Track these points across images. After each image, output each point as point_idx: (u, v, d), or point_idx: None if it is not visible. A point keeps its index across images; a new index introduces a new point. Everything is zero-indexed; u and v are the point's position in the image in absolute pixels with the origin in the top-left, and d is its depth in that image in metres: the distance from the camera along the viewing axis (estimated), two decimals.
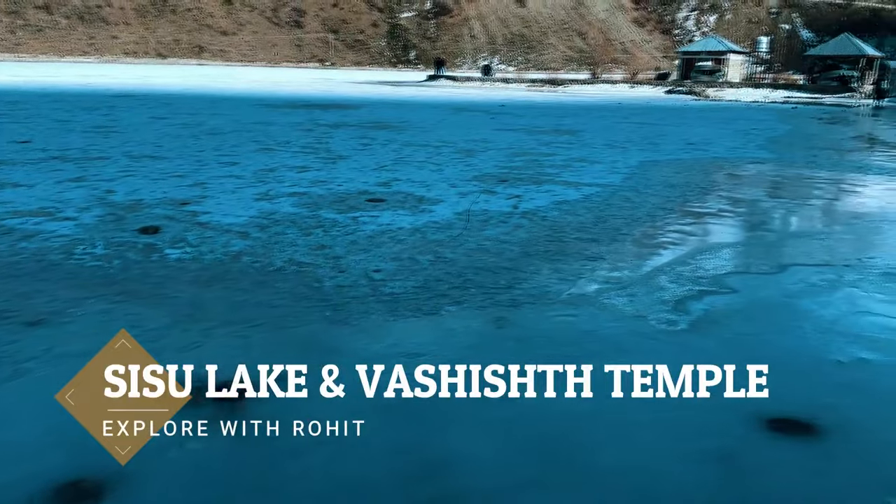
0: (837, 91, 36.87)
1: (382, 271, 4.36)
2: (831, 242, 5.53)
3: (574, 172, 8.72)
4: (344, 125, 14.39)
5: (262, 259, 4.56)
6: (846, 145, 13.08)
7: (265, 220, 5.61)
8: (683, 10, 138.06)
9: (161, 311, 3.64)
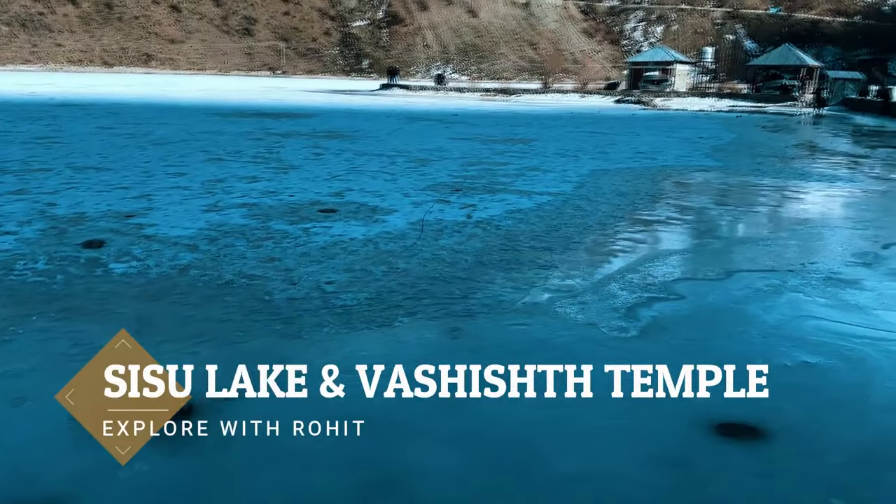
0: (780, 100, 38.07)
1: (335, 283, 4.32)
2: (775, 248, 5.68)
3: (527, 181, 8.79)
4: (296, 134, 14.25)
5: (211, 272, 4.46)
6: (789, 153, 13.51)
7: (214, 232, 5.50)
8: (631, 21, 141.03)
9: (105, 328, 3.53)
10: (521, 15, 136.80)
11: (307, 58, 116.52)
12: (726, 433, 2.72)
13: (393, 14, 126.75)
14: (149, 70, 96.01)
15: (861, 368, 3.32)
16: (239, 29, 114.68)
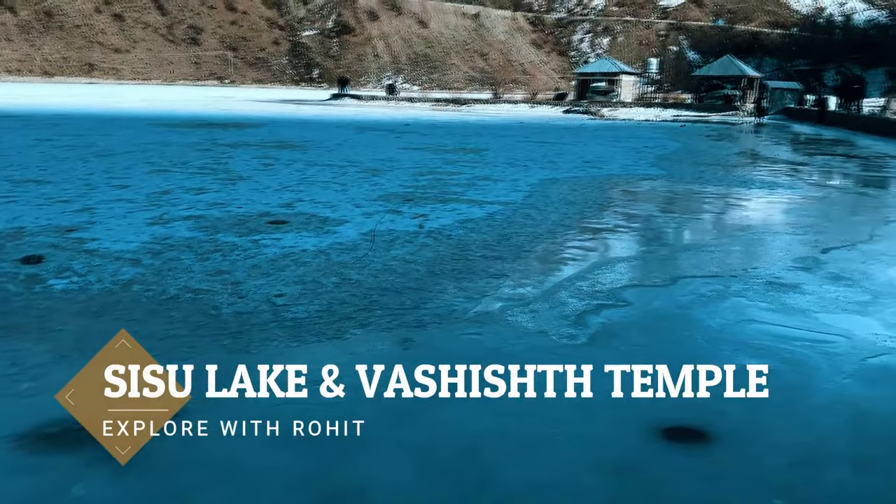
0: (722, 109, 39.23)
1: (285, 296, 4.26)
2: (719, 254, 5.84)
3: (478, 191, 8.84)
4: (244, 145, 14.06)
5: (155, 287, 4.36)
6: (731, 161, 13.92)
7: (159, 246, 5.38)
8: (578, 33, 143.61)
9: (45, 346, 3.41)
10: (471, 26, 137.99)
11: (256, 67, 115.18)
12: (673, 437, 2.77)
13: (343, 24, 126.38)
14: (91, 80, 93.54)
15: (801, 370, 3.43)
16: (185, 38, 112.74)
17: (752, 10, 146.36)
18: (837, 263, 5.52)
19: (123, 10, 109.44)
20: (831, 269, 5.32)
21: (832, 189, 10.19)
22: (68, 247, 5.29)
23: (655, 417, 2.91)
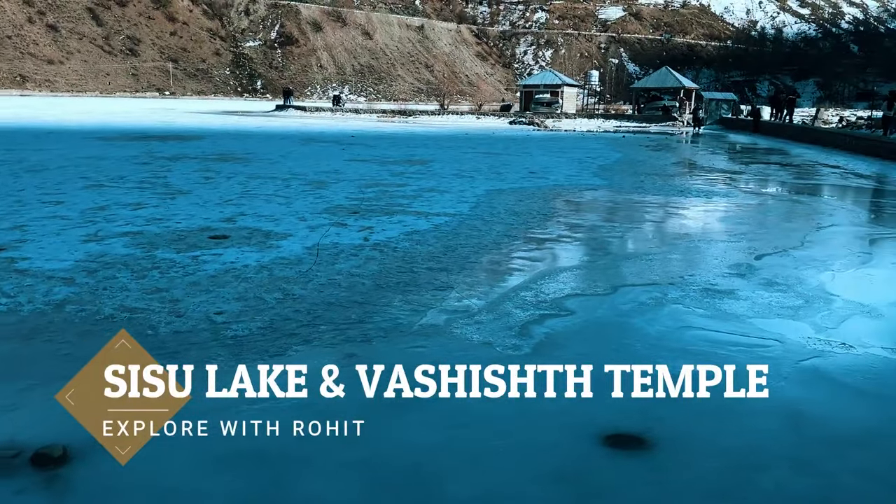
0: (661, 120, 40.29)
1: (225, 313, 4.18)
2: (658, 262, 5.97)
3: (424, 202, 8.85)
4: (184, 157, 13.77)
5: (90, 307, 4.22)
6: (669, 171, 14.28)
7: (94, 264, 5.21)
8: (522, 45, 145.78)
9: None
10: (416, 38, 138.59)
11: (197, 78, 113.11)
12: (615, 444, 2.82)
13: (286, 35, 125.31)
14: (24, 92, 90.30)
15: (737, 375, 3.52)
16: (123, 49, 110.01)
17: (688, 24, 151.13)
18: (771, 269, 5.71)
19: (57, 21, 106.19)
20: (765, 275, 5.50)
21: (766, 197, 10.56)
22: None
23: (598, 425, 2.95)
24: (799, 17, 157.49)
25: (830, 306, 4.71)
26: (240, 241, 6.14)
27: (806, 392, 3.33)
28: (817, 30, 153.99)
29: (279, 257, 5.62)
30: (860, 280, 5.50)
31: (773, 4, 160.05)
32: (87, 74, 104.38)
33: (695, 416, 3.05)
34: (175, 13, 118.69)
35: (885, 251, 6.70)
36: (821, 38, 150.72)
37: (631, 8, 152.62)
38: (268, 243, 6.12)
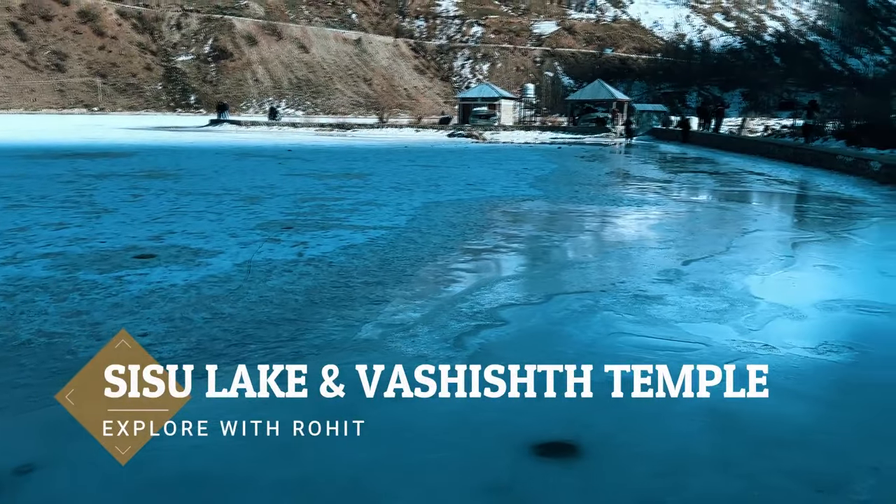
0: (595, 131, 41.21)
1: (150, 335, 4.04)
2: (590, 270, 6.07)
3: (361, 216, 8.79)
4: (112, 175, 13.33)
5: (5, 332, 4.01)
6: (602, 180, 14.59)
7: (11, 288, 4.97)
8: (459, 59, 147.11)
9: None
10: (353, 51, 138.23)
11: (127, 94, 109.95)
12: (546, 452, 2.83)
13: (220, 49, 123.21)
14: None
15: (666, 378, 3.59)
16: (48, 65, 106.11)
17: (619, 38, 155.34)
18: (698, 274, 5.87)
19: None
20: (692, 281, 5.65)
21: (694, 204, 10.89)
22: None
23: (530, 433, 2.96)
24: (724, 30, 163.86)
25: (754, 309, 4.86)
26: (167, 260, 5.96)
27: (731, 393, 3.41)
28: (742, 42, 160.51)
29: (208, 275, 5.47)
30: (783, 283, 5.71)
31: (699, 18, 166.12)
32: (11, 91, 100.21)
33: (624, 421, 3.09)
34: (103, 27, 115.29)
35: (806, 254, 6.97)
36: (745, 50, 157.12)
37: (564, 22, 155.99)
38: (196, 261, 5.96)
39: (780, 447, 2.89)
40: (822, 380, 3.60)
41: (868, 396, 3.42)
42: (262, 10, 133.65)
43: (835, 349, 4.04)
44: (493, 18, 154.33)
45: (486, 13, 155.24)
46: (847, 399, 3.36)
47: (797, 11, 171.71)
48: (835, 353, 3.99)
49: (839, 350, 4.03)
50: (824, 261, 6.61)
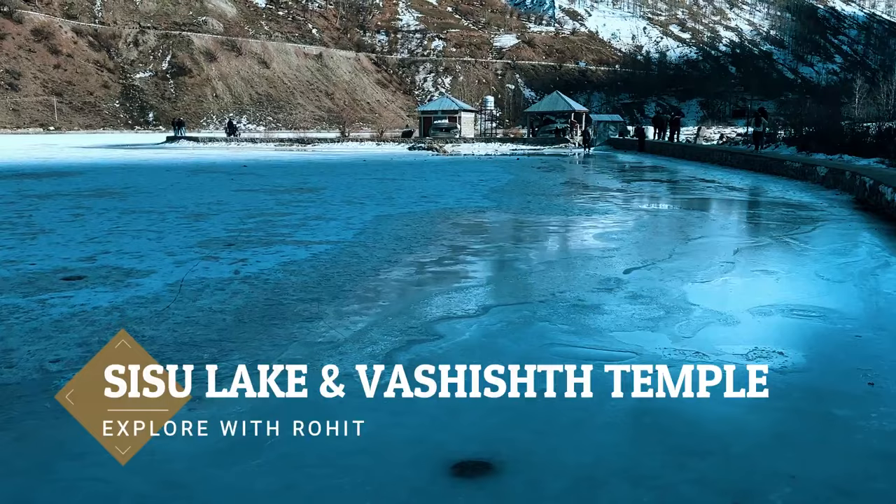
0: (554, 142, 41.58)
1: (62, 360, 3.86)
2: (532, 281, 6.02)
3: (308, 231, 8.65)
4: (57, 195, 12.97)
5: None
6: (556, 190, 14.64)
7: None
8: (421, 73, 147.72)
9: None
10: (314, 66, 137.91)
11: (84, 112, 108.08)
12: (461, 472, 2.73)
13: (178, 65, 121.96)
14: None
15: (592, 389, 3.53)
16: (1, 84, 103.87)
17: (578, 50, 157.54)
18: (637, 283, 5.86)
19: None
20: (631, 289, 5.64)
21: (642, 212, 10.95)
22: None
23: (446, 451, 2.87)
24: (681, 41, 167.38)
25: (689, 316, 4.85)
26: (95, 282, 5.76)
27: (653, 403, 3.37)
28: (698, 53, 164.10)
29: (135, 296, 5.29)
30: (720, 289, 5.73)
31: (656, 30, 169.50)
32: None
33: (543, 436, 3.02)
34: (58, 45, 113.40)
35: (747, 259, 7.02)
36: (702, 61, 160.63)
37: (524, 36, 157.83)
38: (126, 282, 5.77)
39: (697, 456, 2.84)
40: (747, 386, 3.57)
41: (792, 402, 3.40)
42: (220, 26, 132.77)
43: (764, 354, 4.04)
44: (454, 32, 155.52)
45: (446, 27, 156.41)
46: (770, 405, 3.34)
47: (751, 22, 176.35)
48: (764, 358, 3.98)
49: (769, 355, 4.02)
50: (764, 266, 6.67)
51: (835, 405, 3.36)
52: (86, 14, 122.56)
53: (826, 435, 3.06)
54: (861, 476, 2.71)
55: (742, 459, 2.80)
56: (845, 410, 3.30)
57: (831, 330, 4.59)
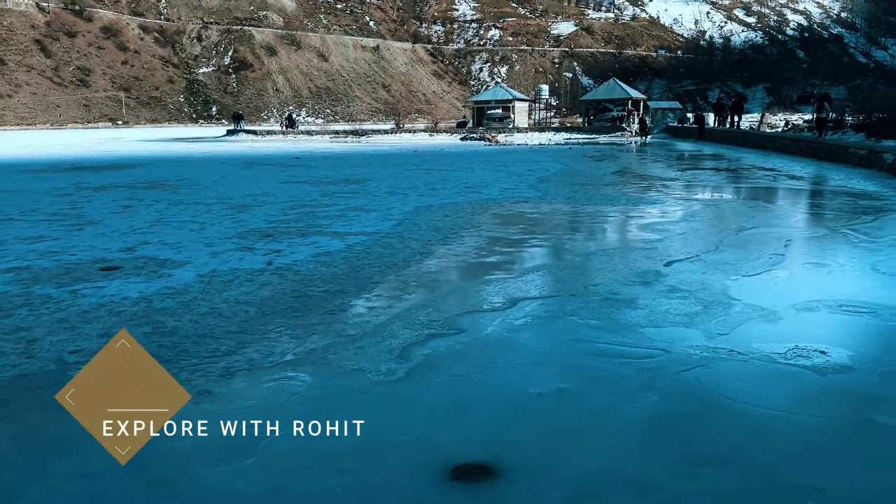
0: (610, 131, 40.73)
1: (81, 351, 3.89)
2: (566, 273, 5.82)
3: (346, 222, 8.63)
4: (112, 187, 13.34)
5: None
6: (605, 180, 14.26)
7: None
8: (477, 63, 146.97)
9: None
10: (371, 58, 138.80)
11: (150, 107, 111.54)
12: (460, 477, 2.60)
13: (240, 60, 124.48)
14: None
15: (608, 390, 3.35)
16: (73, 80, 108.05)
17: (639, 36, 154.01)
18: (678, 276, 5.59)
19: (4, 54, 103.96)
20: (670, 282, 5.38)
21: (693, 202, 10.52)
22: None
23: (447, 454, 2.74)
24: (746, 25, 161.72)
25: (728, 311, 4.59)
26: (130, 272, 5.83)
27: (673, 406, 3.16)
28: (764, 37, 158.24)
29: (165, 287, 5.33)
30: (765, 282, 5.41)
31: (720, 14, 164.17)
32: (37, 107, 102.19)
33: (551, 440, 2.86)
34: (126, 42, 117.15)
35: (798, 251, 6.65)
36: (768, 45, 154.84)
37: (582, 23, 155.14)
38: (159, 272, 5.83)
39: (713, 466, 2.62)
40: (778, 389, 3.32)
41: (828, 406, 3.14)
42: (280, 20, 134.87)
43: (804, 353, 3.76)
44: (511, 21, 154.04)
45: (503, 16, 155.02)
46: (803, 409, 3.09)
47: (820, 4, 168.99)
48: (803, 357, 3.71)
49: (809, 355, 3.75)
50: (816, 258, 6.28)
51: (876, 411, 3.08)
52: (151, 11, 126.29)
53: (862, 444, 2.80)
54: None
55: (762, 470, 2.59)
56: (887, 418, 3.02)
57: (882, 328, 4.27)
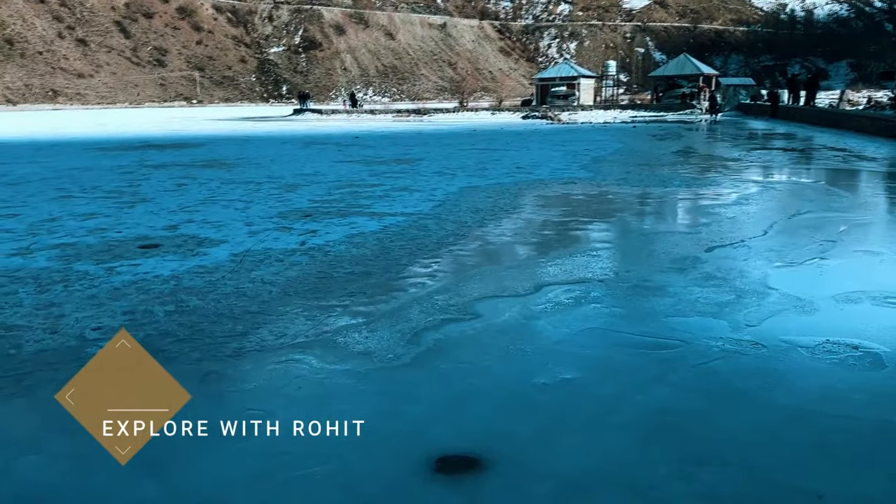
0: (679, 108, 39.41)
1: (103, 328, 4.00)
2: (600, 257, 5.64)
3: (388, 202, 8.63)
4: (172, 165, 13.74)
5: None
6: (663, 160, 13.79)
7: (3, 279, 5.08)
8: (545, 39, 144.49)
9: None
10: (438, 36, 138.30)
11: (223, 86, 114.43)
12: (444, 468, 2.55)
13: (310, 39, 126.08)
14: (56, 106, 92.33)
15: (617, 382, 3.23)
16: (150, 60, 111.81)
17: (715, 9, 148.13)
18: (716, 262, 5.35)
19: (86, 35, 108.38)
20: (706, 269, 5.15)
21: (750, 184, 10.04)
22: None
23: (435, 443, 2.69)
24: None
25: (762, 301, 4.36)
26: (168, 250, 5.98)
27: (682, 402, 3.01)
28: (850, 10, 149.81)
29: (198, 265, 5.43)
30: (809, 271, 5.12)
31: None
32: (117, 87, 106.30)
33: (546, 431, 2.77)
34: (200, 22, 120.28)
35: (852, 238, 6.26)
36: (853, 18, 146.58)
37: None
38: (196, 251, 5.95)
39: (712, 467, 2.48)
40: (797, 386, 3.12)
41: (847, 407, 2.93)
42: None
43: (833, 349, 3.53)
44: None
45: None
46: (818, 409, 2.89)
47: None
48: (831, 353, 3.48)
49: (838, 350, 3.51)
50: (870, 246, 5.90)
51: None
52: None
53: (874, 449, 2.60)
54: None
55: (763, 473, 2.43)
56: None
57: None
